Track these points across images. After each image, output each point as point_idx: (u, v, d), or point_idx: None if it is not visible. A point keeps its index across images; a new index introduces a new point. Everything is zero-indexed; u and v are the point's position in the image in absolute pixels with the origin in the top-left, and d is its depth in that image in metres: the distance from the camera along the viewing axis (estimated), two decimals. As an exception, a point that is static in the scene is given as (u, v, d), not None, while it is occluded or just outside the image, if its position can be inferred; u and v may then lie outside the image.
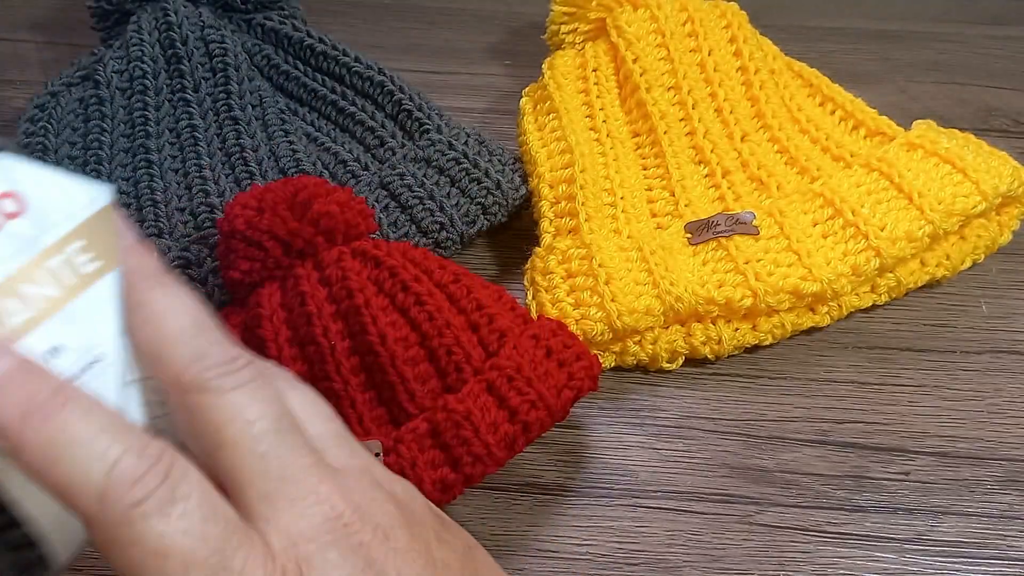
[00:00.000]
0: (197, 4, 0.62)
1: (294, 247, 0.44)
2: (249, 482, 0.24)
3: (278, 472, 0.24)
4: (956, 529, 0.44)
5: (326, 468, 0.25)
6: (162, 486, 0.22)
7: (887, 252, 0.48)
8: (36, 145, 0.56)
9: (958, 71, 0.68)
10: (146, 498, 0.22)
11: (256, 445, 0.24)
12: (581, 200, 0.51)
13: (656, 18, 0.59)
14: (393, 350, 0.42)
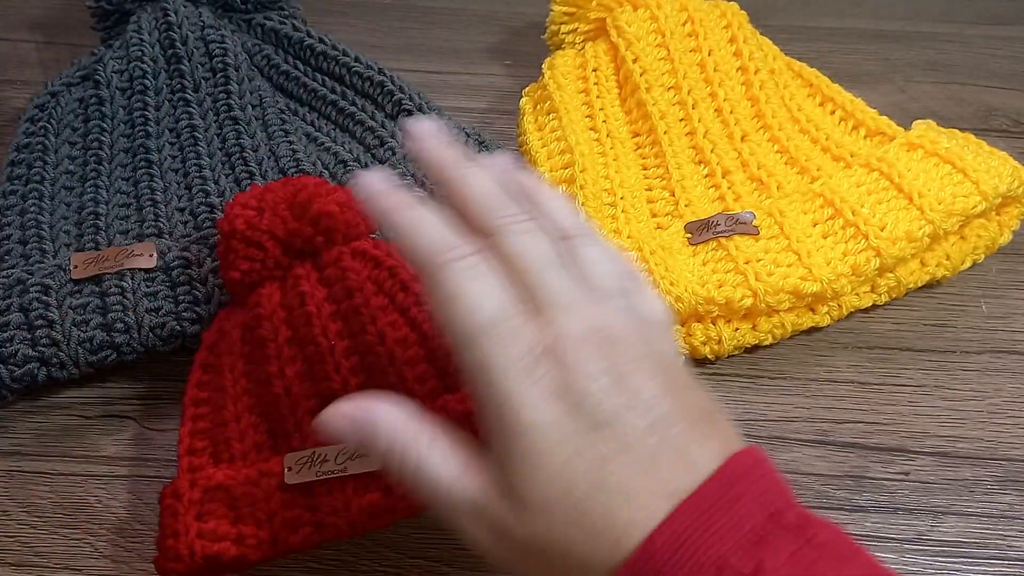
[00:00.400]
0: (197, 4, 0.62)
1: (294, 247, 0.44)
2: (537, 296, 0.32)
3: (554, 290, 0.32)
4: (956, 529, 0.44)
5: (598, 296, 0.33)
6: (471, 258, 0.32)
7: (887, 252, 0.48)
8: (36, 145, 0.56)
9: (958, 71, 0.68)
10: (458, 259, 0.32)
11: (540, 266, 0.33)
12: (581, 200, 0.51)
13: (656, 18, 0.59)
14: (392, 350, 0.42)
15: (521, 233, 0.34)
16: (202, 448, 0.43)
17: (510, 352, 0.31)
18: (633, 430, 0.30)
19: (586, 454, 0.30)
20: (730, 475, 0.30)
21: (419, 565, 0.43)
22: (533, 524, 0.30)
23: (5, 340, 0.47)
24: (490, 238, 0.34)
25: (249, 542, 0.39)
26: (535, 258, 0.33)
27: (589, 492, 0.30)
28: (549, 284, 0.33)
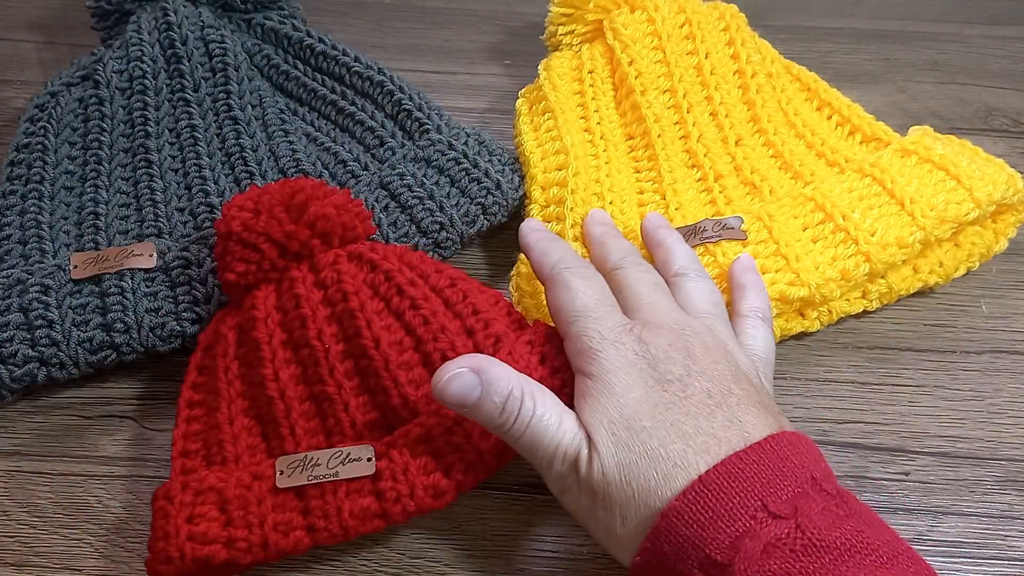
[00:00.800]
0: (197, 4, 0.62)
1: (290, 249, 0.44)
2: (635, 306, 0.42)
3: (648, 301, 0.42)
4: (956, 529, 0.44)
5: (678, 308, 0.42)
6: (580, 269, 0.43)
7: (877, 257, 0.48)
8: (36, 145, 0.56)
9: (958, 71, 0.68)
10: (566, 269, 0.43)
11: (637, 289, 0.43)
12: (570, 205, 0.51)
13: (653, 20, 0.58)
14: (387, 354, 0.42)
15: (632, 267, 0.45)
16: (195, 450, 0.43)
17: (603, 325, 0.40)
18: (695, 390, 0.37)
19: (653, 397, 0.37)
20: (780, 443, 0.35)
21: (419, 565, 0.43)
22: (603, 455, 0.36)
23: (5, 340, 0.47)
24: (610, 274, 0.44)
25: (240, 545, 0.39)
26: (636, 281, 0.44)
27: (650, 425, 0.36)
28: (643, 298, 0.42)
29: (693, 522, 0.34)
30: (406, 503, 0.39)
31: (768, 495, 0.34)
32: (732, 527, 0.33)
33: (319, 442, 0.42)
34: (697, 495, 0.34)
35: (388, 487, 0.39)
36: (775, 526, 0.33)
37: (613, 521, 0.36)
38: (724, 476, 0.34)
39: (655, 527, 0.34)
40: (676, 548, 0.34)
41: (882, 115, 0.57)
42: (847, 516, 0.34)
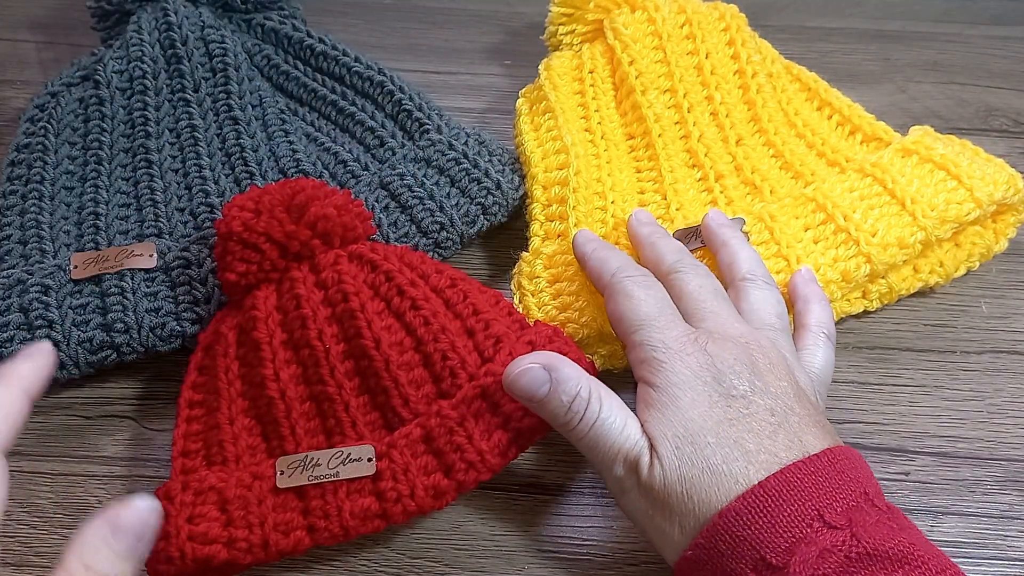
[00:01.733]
0: (197, 4, 0.62)
1: (290, 250, 0.44)
2: (697, 314, 0.42)
3: (711, 310, 0.42)
4: (956, 529, 0.44)
5: (750, 324, 0.43)
6: (645, 277, 0.44)
7: (878, 258, 0.48)
8: (36, 145, 0.56)
9: (958, 71, 0.68)
10: (627, 277, 0.43)
11: (699, 296, 0.43)
12: (572, 204, 0.51)
13: (654, 20, 0.58)
14: (388, 354, 0.42)
15: (690, 272, 0.44)
16: (195, 450, 0.43)
17: (668, 334, 0.40)
18: (758, 408, 0.38)
19: (717, 413, 0.38)
20: (836, 457, 0.36)
21: (419, 566, 0.43)
22: (665, 466, 0.37)
23: (5, 340, 0.47)
24: (667, 277, 0.44)
25: (240, 545, 0.39)
26: (697, 287, 0.44)
27: (714, 442, 0.37)
28: (705, 307, 0.43)
29: (751, 524, 0.35)
30: (407, 503, 0.39)
31: (824, 506, 0.35)
32: (788, 533, 0.34)
33: (319, 442, 0.42)
34: (756, 499, 0.35)
35: (388, 487, 0.39)
36: (830, 535, 0.34)
37: (671, 528, 0.37)
38: (783, 484, 0.35)
39: (712, 525, 0.35)
40: (731, 547, 0.35)
41: (882, 115, 0.57)
42: (900, 529, 0.35)
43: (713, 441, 0.37)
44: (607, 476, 0.40)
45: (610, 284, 0.44)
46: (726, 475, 0.36)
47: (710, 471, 0.36)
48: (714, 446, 0.37)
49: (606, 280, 0.44)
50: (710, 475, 0.36)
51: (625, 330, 0.42)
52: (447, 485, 0.39)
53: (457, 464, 0.40)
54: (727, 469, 0.36)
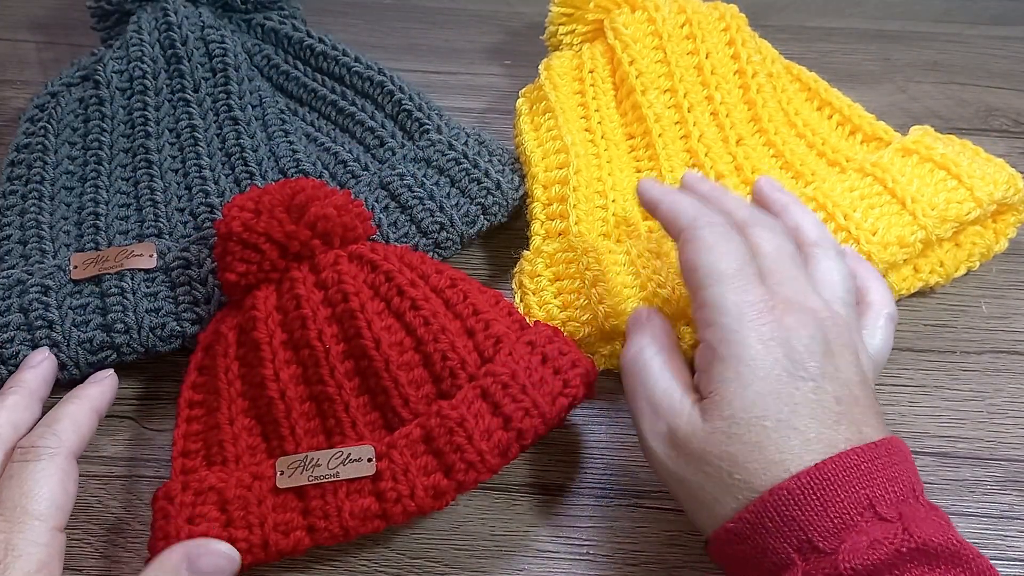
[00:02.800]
0: (197, 4, 0.62)
1: (290, 250, 0.44)
2: (772, 276, 0.40)
3: (790, 275, 0.40)
4: (956, 529, 0.44)
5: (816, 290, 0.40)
6: (725, 227, 0.40)
7: (878, 257, 0.48)
8: (36, 145, 0.56)
9: (958, 71, 0.68)
10: (716, 224, 0.40)
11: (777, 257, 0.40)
12: (573, 203, 0.51)
13: (654, 20, 0.58)
14: (387, 355, 0.42)
15: (768, 228, 0.42)
16: (195, 450, 0.43)
17: (744, 297, 0.38)
18: (826, 394, 0.36)
19: (784, 395, 0.36)
20: (892, 449, 0.36)
21: (419, 566, 0.43)
22: (716, 437, 0.36)
23: (5, 341, 0.47)
24: (744, 229, 0.41)
25: (240, 546, 0.39)
26: (775, 248, 0.41)
27: (775, 424, 0.36)
28: (783, 270, 0.40)
29: (802, 505, 0.34)
30: (406, 504, 0.39)
31: (876, 496, 0.34)
32: (840, 519, 0.33)
33: (319, 442, 0.42)
34: (811, 480, 0.34)
35: (388, 487, 0.39)
36: (880, 527, 0.33)
37: (703, 498, 0.37)
38: (839, 469, 0.34)
39: (760, 500, 0.35)
40: (778, 525, 0.34)
41: (882, 115, 0.57)
42: (948, 525, 0.34)
43: (771, 425, 0.36)
44: (640, 437, 0.39)
45: (688, 230, 0.41)
46: (776, 463, 0.35)
47: (760, 455, 0.35)
48: (770, 430, 0.36)
49: (683, 224, 0.41)
50: (760, 460, 0.35)
51: (698, 283, 0.39)
52: (447, 485, 0.39)
53: (457, 464, 0.39)
54: (779, 457, 0.35)
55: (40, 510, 0.36)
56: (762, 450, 0.35)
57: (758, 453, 0.35)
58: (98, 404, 0.42)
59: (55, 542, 0.36)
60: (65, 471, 0.38)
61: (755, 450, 0.36)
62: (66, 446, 0.39)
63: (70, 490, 0.38)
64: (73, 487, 0.38)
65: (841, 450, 0.35)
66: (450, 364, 0.42)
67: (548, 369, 0.42)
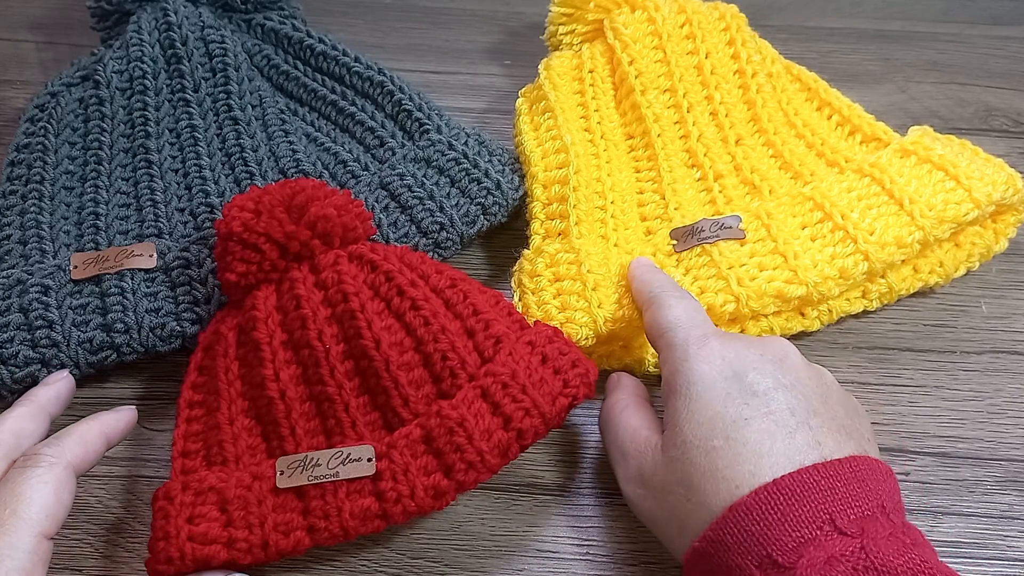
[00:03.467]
0: (197, 4, 0.62)
1: (290, 250, 0.44)
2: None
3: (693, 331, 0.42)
4: (956, 529, 0.44)
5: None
6: (676, 291, 0.44)
7: (875, 256, 0.48)
8: (36, 145, 0.56)
9: (958, 71, 0.68)
10: (665, 292, 0.44)
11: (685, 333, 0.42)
12: (573, 203, 0.51)
13: (654, 20, 0.58)
14: (387, 355, 0.42)
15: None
16: (195, 450, 0.43)
17: (692, 333, 0.41)
18: (779, 406, 0.37)
19: (732, 412, 0.37)
20: (857, 465, 0.36)
21: (419, 566, 0.43)
22: (673, 466, 0.38)
23: (5, 341, 0.47)
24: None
25: (240, 546, 0.39)
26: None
27: (725, 444, 0.36)
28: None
29: (761, 520, 0.34)
30: (407, 504, 0.39)
31: (837, 511, 0.34)
32: (798, 533, 0.34)
33: (319, 442, 0.42)
34: (768, 495, 0.34)
35: (388, 488, 0.39)
36: (840, 542, 0.33)
37: (673, 530, 0.38)
38: (797, 483, 0.34)
39: (721, 517, 0.35)
40: (738, 541, 0.34)
41: (882, 115, 0.57)
42: (913, 544, 0.34)
43: (721, 444, 0.36)
44: (616, 473, 0.41)
45: (648, 299, 0.44)
46: (728, 479, 0.36)
47: (712, 476, 0.36)
48: (721, 449, 0.36)
49: (646, 296, 0.45)
50: (712, 480, 0.36)
51: (656, 336, 0.42)
52: (447, 485, 0.39)
53: (457, 464, 0.39)
54: (731, 474, 0.36)
55: (29, 514, 0.36)
56: (714, 471, 0.36)
57: (710, 475, 0.36)
58: (110, 430, 0.42)
59: (40, 549, 0.36)
60: (61, 481, 0.38)
61: (707, 472, 0.36)
62: (67, 458, 0.39)
63: (64, 500, 0.38)
64: (68, 498, 0.38)
65: (799, 463, 0.35)
66: (450, 364, 0.42)
67: (548, 369, 0.42)
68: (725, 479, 0.36)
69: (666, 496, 0.38)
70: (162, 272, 0.49)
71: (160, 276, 0.49)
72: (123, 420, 0.42)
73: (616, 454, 0.42)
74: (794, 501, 0.34)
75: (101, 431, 0.41)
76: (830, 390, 0.40)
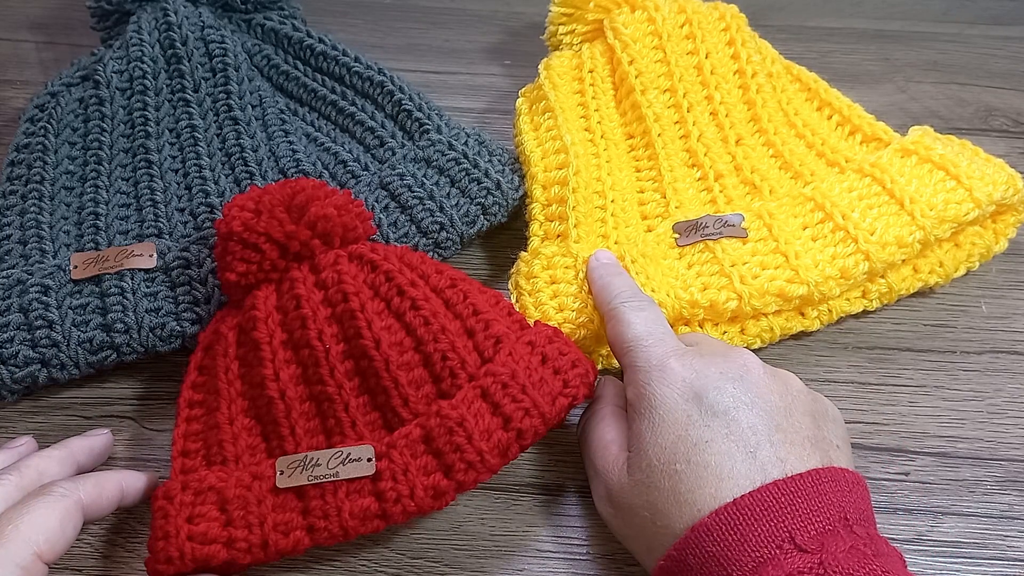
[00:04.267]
0: (197, 4, 0.62)
1: (290, 250, 0.44)
2: (687, 340, 0.44)
3: (697, 336, 0.44)
4: (956, 529, 0.44)
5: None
6: (635, 301, 0.43)
7: (876, 256, 0.48)
8: (36, 145, 0.56)
9: (958, 71, 0.68)
10: (623, 302, 0.44)
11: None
12: (572, 204, 0.51)
13: (654, 20, 0.58)
14: (387, 355, 0.42)
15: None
16: (195, 450, 0.43)
17: (653, 353, 0.41)
18: (741, 426, 0.37)
19: (694, 435, 0.37)
20: (819, 479, 0.36)
21: (419, 566, 0.43)
22: (638, 489, 0.38)
23: (5, 341, 0.47)
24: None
25: (240, 546, 0.39)
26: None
27: (687, 467, 0.37)
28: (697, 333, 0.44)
29: (720, 541, 0.34)
30: (406, 504, 0.39)
31: (797, 527, 0.34)
32: (757, 552, 0.34)
33: (319, 442, 0.42)
34: (728, 516, 0.35)
35: (388, 487, 0.39)
36: (799, 559, 0.33)
37: (641, 551, 0.39)
38: (756, 502, 0.35)
39: (684, 538, 0.35)
40: (700, 562, 0.35)
41: (882, 115, 0.57)
42: (875, 555, 0.34)
43: (683, 468, 0.37)
44: (591, 488, 0.42)
45: (608, 310, 0.44)
46: (691, 503, 0.36)
47: (676, 499, 0.36)
48: (683, 473, 0.37)
49: (605, 307, 0.45)
50: (675, 503, 0.36)
51: (619, 353, 0.43)
52: (447, 485, 0.39)
53: (457, 464, 0.39)
54: (692, 498, 0.36)
55: (30, 533, 0.36)
56: (676, 494, 0.37)
57: (673, 497, 0.37)
58: (128, 487, 0.42)
59: (34, 569, 0.36)
60: (69, 512, 0.38)
61: (671, 495, 0.37)
62: (79, 495, 0.39)
63: (67, 532, 0.38)
64: (71, 532, 0.38)
65: (762, 481, 0.36)
66: (450, 364, 0.42)
67: (548, 369, 0.42)
68: (688, 503, 0.36)
69: (632, 518, 0.38)
70: (162, 272, 0.49)
71: (160, 276, 0.49)
72: (140, 483, 0.43)
73: (589, 470, 0.42)
74: (752, 520, 0.34)
75: (119, 482, 0.41)
76: (795, 400, 0.39)
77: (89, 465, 0.44)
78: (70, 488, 0.39)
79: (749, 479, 0.36)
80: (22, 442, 0.45)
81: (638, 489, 0.38)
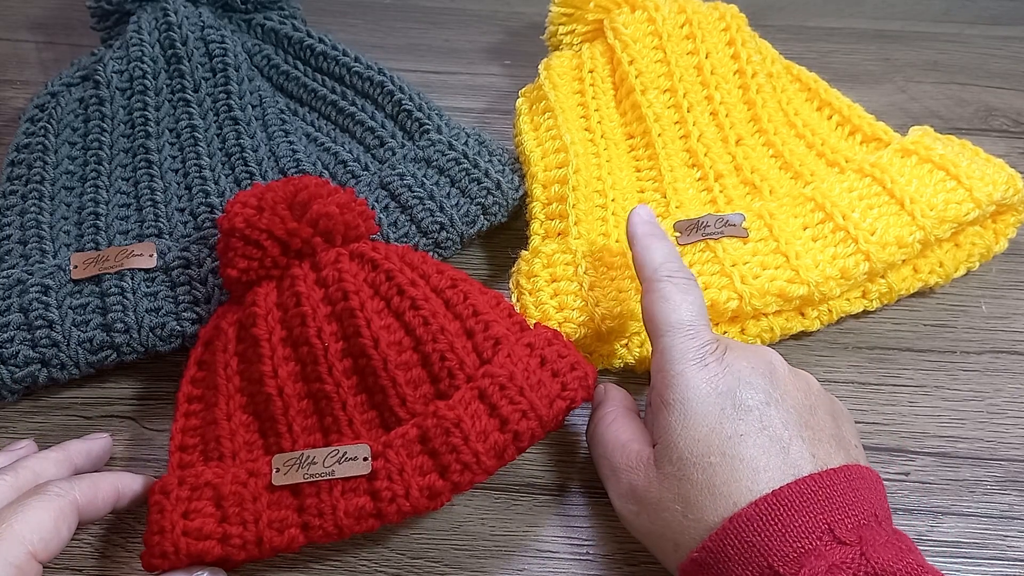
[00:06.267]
0: (197, 4, 0.62)
1: (292, 247, 0.44)
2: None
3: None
4: (956, 529, 0.44)
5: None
6: (681, 279, 0.43)
7: (876, 256, 0.48)
8: (36, 145, 0.56)
9: (958, 71, 0.68)
10: (667, 277, 0.42)
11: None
12: (572, 202, 0.51)
13: (654, 20, 0.59)
14: (386, 354, 0.42)
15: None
16: (193, 445, 0.43)
17: (690, 344, 0.40)
18: (772, 421, 0.38)
19: (728, 428, 0.37)
20: (852, 475, 0.36)
21: (419, 565, 0.43)
22: (668, 483, 0.38)
23: (5, 341, 0.47)
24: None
25: (234, 542, 0.39)
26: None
27: (721, 460, 0.37)
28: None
29: (761, 531, 0.35)
30: (401, 503, 0.39)
31: (835, 520, 0.35)
32: (798, 543, 0.34)
33: (316, 440, 0.42)
34: (769, 506, 0.35)
35: (384, 487, 0.39)
36: (839, 551, 0.33)
37: (666, 545, 0.38)
38: (796, 494, 0.35)
39: (721, 529, 0.35)
40: (739, 552, 0.35)
41: (882, 115, 0.57)
42: (908, 550, 0.34)
43: (717, 460, 0.37)
44: (606, 487, 0.41)
45: (649, 280, 0.43)
46: (726, 496, 0.36)
47: (710, 492, 0.36)
48: (718, 465, 0.37)
49: (647, 274, 0.43)
50: (710, 496, 0.36)
51: (654, 332, 0.42)
52: (442, 486, 0.39)
53: (453, 465, 0.39)
54: (727, 490, 0.36)
55: (24, 532, 0.36)
56: (711, 487, 0.37)
57: (708, 491, 0.37)
58: (124, 489, 0.42)
59: (28, 567, 0.36)
60: (63, 512, 0.38)
61: (705, 488, 0.37)
62: (75, 495, 0.39)
63: (61, 532, 0.37)
64: (66, 532, 0.38)
65: (796, 475, 0.36)
66: (448, 364, 0.41)
67: (547, 372, 0.42)
68: (723, 495, 0.36)
69: (661, 512, 0.38)
70: (162, 272, 0.49)
71: (160, 276, 0.49)
72: (138, 486, 0.42)
73: (606, 469, 0.42)
74: (793, 512, 0.34)
75: (115, 484, 0.41)
76: (818, 400, 0.40)
77: (86, 468, 0.44)
78: (65, 488, 0.39)
79: (783, 473, 0.36)
80: (22, 445, 0.44)
81: (668, 482, 0.38)
